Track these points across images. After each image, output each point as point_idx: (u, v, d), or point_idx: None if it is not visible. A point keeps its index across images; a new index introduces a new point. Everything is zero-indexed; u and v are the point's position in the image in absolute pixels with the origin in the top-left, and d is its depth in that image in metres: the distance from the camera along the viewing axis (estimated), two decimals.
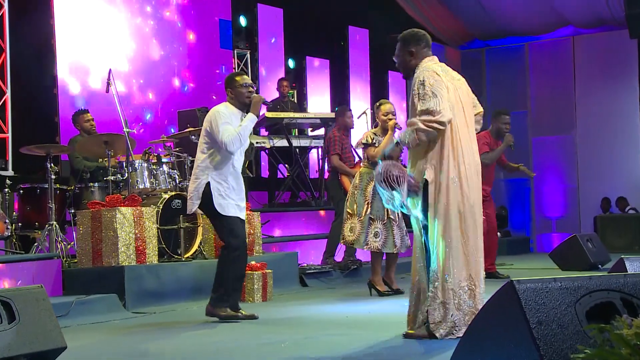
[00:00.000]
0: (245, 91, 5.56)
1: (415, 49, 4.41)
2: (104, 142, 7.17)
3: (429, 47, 4.45)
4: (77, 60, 9.33)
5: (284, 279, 7.60)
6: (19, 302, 3.70)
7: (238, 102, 5.59)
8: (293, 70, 13.00)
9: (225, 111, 5.53)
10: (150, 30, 10.31)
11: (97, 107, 8.94)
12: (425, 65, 4.36)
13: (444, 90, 4.21)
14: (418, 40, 4.43)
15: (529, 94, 14.52)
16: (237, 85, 5.58)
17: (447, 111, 4.17)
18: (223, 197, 5.46)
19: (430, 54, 4.44)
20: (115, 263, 6.38)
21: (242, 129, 5.44)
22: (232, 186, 5.52)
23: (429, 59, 4.40)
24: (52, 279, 6.37)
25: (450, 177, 4.21)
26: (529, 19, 13.97)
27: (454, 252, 4.19)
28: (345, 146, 8.23)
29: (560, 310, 2.90)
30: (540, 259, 10.85)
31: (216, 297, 5.53)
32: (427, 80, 4.22)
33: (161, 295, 6.53)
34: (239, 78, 5.61)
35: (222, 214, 5.46)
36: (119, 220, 6.40)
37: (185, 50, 10.79)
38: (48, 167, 6.88)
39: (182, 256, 7.01)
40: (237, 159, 5.56)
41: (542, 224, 14.33)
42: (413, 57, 4.41)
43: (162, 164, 7.36)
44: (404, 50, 4.44)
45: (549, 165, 14.28)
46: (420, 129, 4.16)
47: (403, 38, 4.47)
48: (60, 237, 6.84)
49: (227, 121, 5.45)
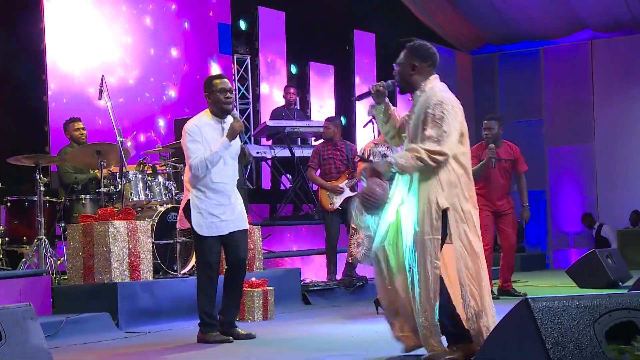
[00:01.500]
0: (222, 97, 5.48)
1: (419, 64, 4.33)
2: (96, 152, 7.17)
3: (434, 67, 4.37)
4: (69, 66, 9.35)
5: (285, 296, 7.59)
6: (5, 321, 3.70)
7: (215, 107, 5.52)
8: (295, 76, 13.02)
9: (194, 127, 5.44)
10: (145, 36, 10.34)
11: (90, 115, 8.96)
12: (435, 82, 4.30)
13: (459, 119, 4.18)
14: (426, 56, 4.35)
15: (544, 102, 14.53)
16: (214, 89, 5.50)
17: (453, 144, 4.13)
18: (201, 215, 5.44)
19: (434, 73, 4.36)
20: (108, 280, 6.37)
21: (212, 156, 5.37)
22: (214, 201, 5.46)
23: (436, 78, 4.33)
24: (40, 297, 6.37)
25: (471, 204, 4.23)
26: (545, 23, 14.00)
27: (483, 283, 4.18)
28: (325, 158, 8.35)
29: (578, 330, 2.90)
30: (557, 275, 10.82)
31: (200, 323, 5.56)
32: (446, 105, 4.15)
33: (156, 314, 6.52)
34: (217, 82, 5.53)
35: (197, 232, 5.47)
36: (112, 235, 6.41)
37: (181, 55, 10.82)
38: (37, 179, 6.90)
39: (179, 272, 7.01)
40: (215, 172, 5.46)
41: (559, 239, 14.30)
42: (415, 72, 4.33)
43: (158, 175, 7.37)
44: (408, 61, 4.37)
45: (565, 177, 14.27)
46: (422, 160, 4.09)
47: (412, 48, 4.40)
48: (50, 252, 6.84)
49: (196, 139, 5.40)
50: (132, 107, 10.07)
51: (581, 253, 9.72)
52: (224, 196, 5.51)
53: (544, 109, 14.51)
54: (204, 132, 5.45)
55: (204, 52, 11.16)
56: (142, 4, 10.34)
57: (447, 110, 4.13)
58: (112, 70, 9.74)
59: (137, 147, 9.65)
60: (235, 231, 5.57)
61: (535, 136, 14.22)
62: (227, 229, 5.51)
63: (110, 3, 9.95)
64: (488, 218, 7.99)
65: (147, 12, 10.40)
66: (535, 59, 14.71)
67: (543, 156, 14.29)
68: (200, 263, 5.54)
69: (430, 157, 4.08)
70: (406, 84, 4.38)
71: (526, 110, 14.11)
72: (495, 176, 8.01)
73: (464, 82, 15.07)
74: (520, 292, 8.16)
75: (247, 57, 11.99)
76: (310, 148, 10.69)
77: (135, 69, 10.18)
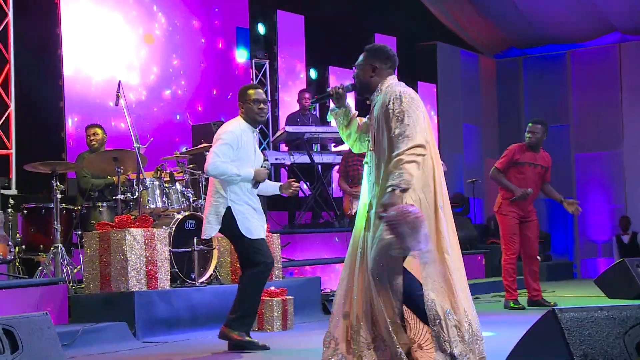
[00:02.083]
0: (255, 108, 5.59)
1: (379, 65, 4.29)
2: (112, 159, 7.22)
3: (393, 69, 4.34)
4: (85, 72, 9.42)
5: (305, 306, 7.59)
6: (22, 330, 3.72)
7: (248, 117, 5.63)
8: (315, 81, 13.05)
9: (236, 132, 5.54)
10: (162, 40, 10.40)
11: (106, 121, 9.03)
12: (394, 82, 4.26)
13: (420, 109, 4.11)
14: (386, 58, 4.31)
15: (571, 107, 14.46)
16: (249, 99, 5.61)
17: (423, 133, 4.03)
18: (249, 220, 5.53)
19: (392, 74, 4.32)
20: (125, 288, 6.41)
21: (232, 175, 5.44)
22: (253, 206, 5.58)
23: (393, 78, 4.30)
24: (57, 306, 6.41)
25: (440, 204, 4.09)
26: (571, 25, 13.94)
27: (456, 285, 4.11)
28: (350, 164, 8.40)
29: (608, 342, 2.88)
30: (585, 285, 10.75)
31: (235, 319, 5.53)
32: (404, 97, 4.10)
33: (174, 324, 6.54)
34: (252, 92, 5.64)
35: (249, 237, 5.52)
36: (129, 243, 6.44)
37: (199, 60, 10.87)
38: (54, 186, 6.94)
39: (196, 281, 7.03)
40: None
41: (587, 248, 14.21)
42: (375, 73, 4.29)
43: (175, 182, 7.40)
44: (367, 63, 4.32)
45: (593, 184, 14.18)
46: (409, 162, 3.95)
47: (371, 49, 4.36)
48: (66, 260, 6.89)
49: (230, 144, 5.49)
50: (150, 114, 10.13)
51: (610, 262, 9.65)
52: (257, 201, 5.65)
53: (570, 114, 14.44)
54: (242, 140, 5.56)
55: (222, 57, 11.20)
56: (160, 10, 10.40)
57: (406, 101, 4.09)
58: (129, 75, 9.80)
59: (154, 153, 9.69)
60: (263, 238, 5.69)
61: (561, 142, 14.16)
62: (264, 234, 5.64)
63: (127, 8, 10.02)
64: (515, 226, 8.00)
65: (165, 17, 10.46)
66: (561, 63, 14.65)
67: (570, 162, 14.22)
68: (261, 264, 5.54)
69: (413, 154, 3.98)
70: (365, 86, 4.34)
71: (552, 115, 14.04)
72: (530, 182, 8.07)
73: (487, 87, 15.03)
74: (551, 303, 8.12)
75: (266, 61, 12.03)
76: (330, 154, 10.70)
77: (152, 74, 10.24)
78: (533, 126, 8.11)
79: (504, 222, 8.05)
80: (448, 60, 14.12)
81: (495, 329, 6.36)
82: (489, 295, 9.71)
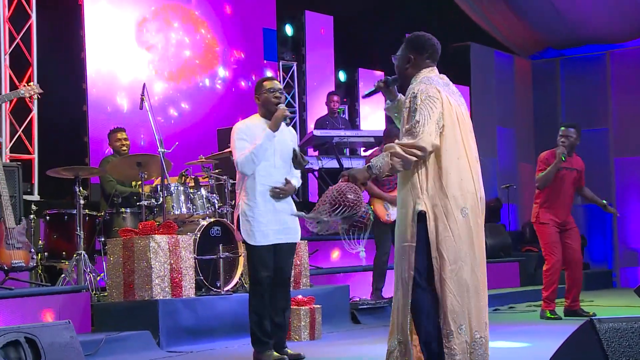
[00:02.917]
0: (271, 96, 5.56)
1: (414, 56, 4.24)
2: (136, 164, 7.27)
3: (432, 60, 4.27)
4: (109, 75, 9.50)
5: (333, 315, 7.58)
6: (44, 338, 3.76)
7: (264, 109, 5.60)
8: (344, 83, 13.05)
9: (243, 126, 5.56)
10: (187, 42, 10.47)
11: (131, 125, 9.09)
12: (423, 75, 4.20)
13: (437, 110, 4.02)
14: (422, 48, 4.26)
15: (611, 110, 14.32)
16: (264, 90, 5.60)
17: (429, 136, 3.97)
18: (249, 223, 5.43)
19: (432, 66, 4.27)
20: (149, 297, 6.44)
21: (257, 149, 5.40)
22: (264, 207, 5.46)
23: (429, 70, 4.23)
24: (80, 314, 6.46)
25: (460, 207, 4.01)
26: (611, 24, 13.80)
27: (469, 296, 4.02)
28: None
29: None
30: (625, 295, 10.64)
31: (253, 341, 5.54)
32: (420, 95, 4.05)
33: (198, 333, 6.57)
34: (267, 82, 5.65)
35: (248, 242, 5.47)
36: (153, 250, 6.47)
37: (225, 62, 10.92)
38: (77, 191, 7.00)
39: (222, 289, 7.05)
40: (263, 175, 5.48)
41: (627, 256, 14.05)
42: (410, 64, 4.25)
43: (200, 188, 7.43)
44: (404, 54, 4.29)
45: (633, 190, 14.02)
46: (397, 154, 3.98)
47: (408, 39, 4.32)
48: (89, 267, 6.94)
49: (243, 137, 5.48)
50: (174, 117, 10.19)
51: None
52: (274, 202, 5.50)
53: (610, 117, 14.30)
54: (254, 132, 5.50)
55: (248, 59, 11.24)
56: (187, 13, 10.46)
57: (421, 100, 4.03)
58: (153, 77, 9.86)
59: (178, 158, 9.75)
60: (284, 243, 5.56)
61: (600, 146, 14.02)
62: (275, 239, 5.50)
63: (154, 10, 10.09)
64: (556, 234, 7.96)
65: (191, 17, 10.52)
66: (600, 64, 14.52)
67: (609, 167, 14.08)
68: (252, 275, 5.50)
69: (406, 150, 3.96)
70: (403, 79, 4.32)
71: (591, 118, 13.91)
72: (567, 187, 8.06)
73: (522, 89, 14.94)
74: (589, 313, 8.05)
75: (294, 63, 12.05)
76: (359, 159, 10.70)
77: (178, 78, 10.30)
78: (566, 130, 8.07)
79: (543, 232, 8.01)
80: (482, 62, 14.06)
81: (531, 340, 6.32)
82: (523, 305, 9.65)
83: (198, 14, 10.66)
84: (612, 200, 13.86)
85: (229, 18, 11.04)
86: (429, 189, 4.01)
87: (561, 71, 15.01)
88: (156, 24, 10.14)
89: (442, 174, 4.02)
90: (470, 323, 3.97)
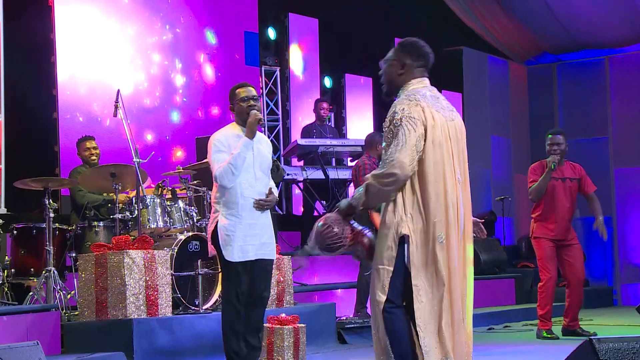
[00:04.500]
0: (245, 106, 5.57)
1: (410, 62, 4.22)
2: (110, 174, 7.25)
3: (425, 70, 4.26)
4: (82, 81, 9.46)
5: (319, 334, 7.58)
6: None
7: (240, 118, 5.63)
8: (330, 89, 13.07)
9: (220, 136, 5.57)
10: (164, 45, 10.46)
11: (103, 133, 9.07)
12: (411, 87, 4.18)
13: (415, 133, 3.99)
14: (419, 55, 4.24)
15: (610, 117, 14.41)
16: (237, 99, 5.62)
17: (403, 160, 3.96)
18: (230, 237, 5.45)
19: (424, 76, 4.25)
20: (123, 316, 6.42)
21: (234, 159, 5.42)
22: (248, 221, 5.48)
23: (418, 81, 4.21)
24: (49, 334, 6.43)
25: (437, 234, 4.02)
26: (610, 28, 13.90)
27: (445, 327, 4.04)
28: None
29: None
30: (626, 313, 10.68)
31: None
32: (401, 114, 4.03)
33: (176, 354, 6.55)
34: (240, 90, 5.65)
35: (225, 258, 5.47)
36: (128, 266, 6.45)
37: (204, 68, 10.91)
38: (46, 204, 6.98)
39: (200, 307, 7.04)
40: (245, 187, 5.50)
41: (628, 272, 14.11)
42: (404, 71, 4.22)
43: (178, 200, 7.42)
44: (398, 59, 4.24)
45: (634, 201, 14.10)
46: (371, 185, 4.03)
47: (403, 43, 4.29)
48: (59, 285, 6.91)
49: (220, 149, 5.49)
50: (150, 125, 10.17)
51: None
52: (256, 216, 5.52)
53: (609, 125, 14.39)
54: (231, 142, 5.52)
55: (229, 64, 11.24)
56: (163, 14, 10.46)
57: (400, 121, 4.02)
58: (128, 84, 9.84)
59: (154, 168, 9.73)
60: (262, 259, 5.57)
61: (599, 156, 14.10)
62: (254, 255, 5.51)
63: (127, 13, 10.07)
64: (550, 249, 7.93)
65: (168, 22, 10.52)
66: (599, 70, 14.61)
67: (609, 178, 14.16)
68: (228, 293, 5.51)
69: (379, 181, 4.01)
70: (392, 86, 4.28)
71: (589, 126, 14.00)
72: (560, 199, 7.98)
73: (518, 96, 15.02)
74: (590, 332, 8.06)
75: (277, 68, 12.05)
76: (346, 169, 10.70)
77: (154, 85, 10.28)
78: (554, 137, 8.05)
79: (538, 246, 8.00)
80: (475, 67, 14.12)
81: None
82: (519, 324, 9.67)
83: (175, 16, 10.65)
84: (612, 213, 13.94)
85: (208, 21, 11.03)
86: (413, 212, 4.03)
87: (558, 77, 15.09)
88: (131, 26, 10.12)
89: (422, 197, 4.03)
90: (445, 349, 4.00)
